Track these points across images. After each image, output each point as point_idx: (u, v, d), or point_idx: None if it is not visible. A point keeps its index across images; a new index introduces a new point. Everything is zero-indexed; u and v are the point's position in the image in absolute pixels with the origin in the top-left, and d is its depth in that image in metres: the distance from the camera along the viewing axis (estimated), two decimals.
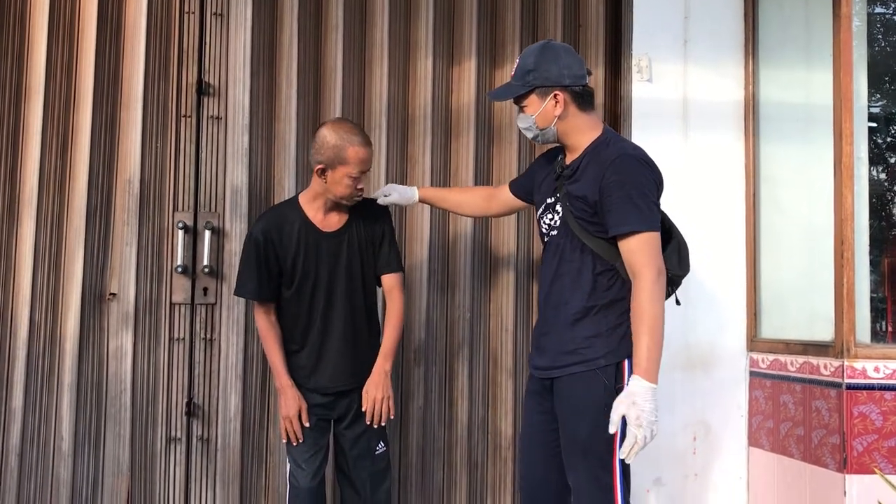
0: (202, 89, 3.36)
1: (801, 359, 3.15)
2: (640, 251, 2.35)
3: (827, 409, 2.98)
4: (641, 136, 3.49)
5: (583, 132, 2.51)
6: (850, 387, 2.90)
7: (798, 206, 3.51)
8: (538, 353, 2.58)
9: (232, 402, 3.30)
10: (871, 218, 3.43)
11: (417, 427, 3.42)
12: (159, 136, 3.34)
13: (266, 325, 2.94)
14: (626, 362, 2.41)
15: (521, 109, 2.53)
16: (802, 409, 3.12)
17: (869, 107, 3.54)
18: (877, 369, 2.91)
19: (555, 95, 2.46)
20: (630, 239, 2.36)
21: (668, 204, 3.47)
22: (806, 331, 3.31)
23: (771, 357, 3.35)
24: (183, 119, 3.35)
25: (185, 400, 3.28)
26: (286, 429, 2.90)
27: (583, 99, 2.50)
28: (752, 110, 3.56)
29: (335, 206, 2.92)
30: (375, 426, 2.90)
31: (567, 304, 2.47)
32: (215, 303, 3.32)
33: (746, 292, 3.53)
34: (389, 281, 3.00)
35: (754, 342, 3.48)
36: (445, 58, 3.57)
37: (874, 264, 3.44)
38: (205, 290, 3.31)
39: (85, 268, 3.25)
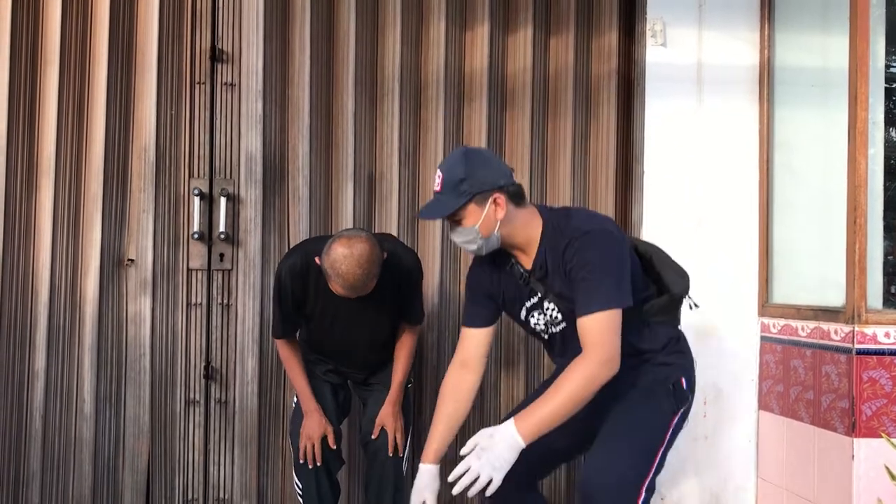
0: (216, 56, 3.38)
1: (811, 324, 3.16)
2: (596, 329, 2.21)
3: (837, 374, 3.00)
4: (655, 101, 3.49)
5: (526, 226, 2.36)
6: (860, 352, 2.91)
7: (812, 172, 3.49)
8: None
9: (249, 366, 3.36)
10: (886, 181, 3.40)
11: (431, 391, 3.47)
12: (174, 103, 3.36)
13: (287, 352, 2.95)
14: (684, 379, 2.41)
15: (457, 223, 2.31)
16: (812, 373, 3.14)
17: (888, 66, 3.49)
18: (887, 335, 2.92)
19: (494, 199, 2.28)
20: (588, 317, 2.22)
21: (681, 169, 3.51)
22: (818, 296, 3.31)
23: (782, 322, 3.36)
24: (197, 86, 3.38)
25: (203, 363, 3.35)
26: (305, 448, 2.87)
27: (518, 196, 2.34)
28: (767, 75, 3.53)
29: None
30: (392, 454, 2.91)
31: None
32: (231, 268, 3.36)
33: (759, 257, 3.54)
34: (407, 327, 3.00)
35: (766, 307, 3.50)
36: (458, 22, 3.56)
37: (889, 229, 3.42)
38: (221, 255, 3.36)
39: (103, 234, 3.31)
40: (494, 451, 2.14)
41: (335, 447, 2.92)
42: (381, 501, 2.92)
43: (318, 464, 2.87)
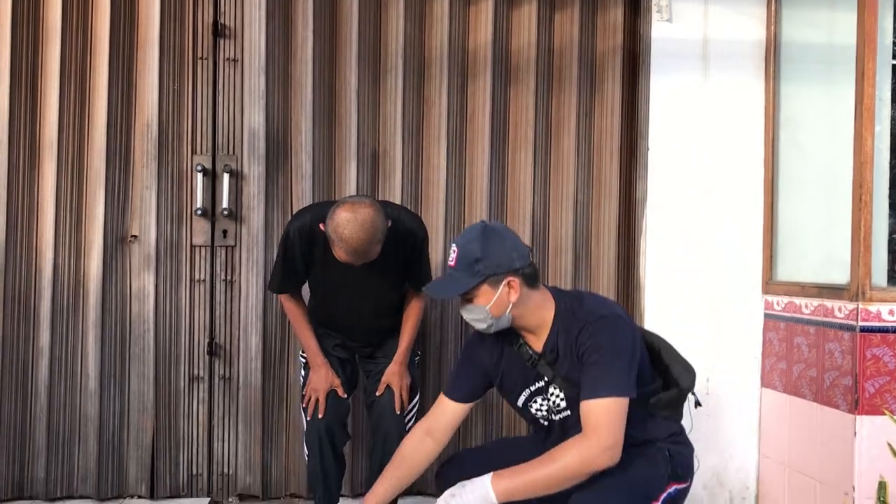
0: (218, 31, 3.36)
1: (815, 301, 3.16)
2: (603, 412, 2.15)
3: (840, 352, 3.00)
4: (661, 76, 3.46)
5: (539, 308, 2.32)
6: (863, 329, 2.91)
7: (818, 148, 3.47)
8: None
9: (253, 342, 3.37)
10: (893, 158, 3.38)
11: (434, 369, 3.48)
12: (176, 79, 3.35)
13: (292, 307, 2.96)
14: (683, 463, 2.38)
15: (469, 301, 2.27)
16: (816, 351, 3.14)
17: (895, 43, 3.46)
18: (892, 312, 2.91)
19: (508, 282, 2.24)
20: (595, 401, 2.17)
21: (686, 145, 3.49)
22: (822, 274, 3.30)
23: (786, 299, 3.36)
24: (200, 61, 3.36)
25: (207, 340, 3.36)
26: (310, 399, 2.90)
27: (532, 278, 2.30)
28: (773, 50, 3.50)
29: None
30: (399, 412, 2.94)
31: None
32: (235, 245, 3.36)
33: (763, 235, 3.53)
34: (415, 293, 2.99)
35: (769, 284, 3.49)
36: None
37: (895, 206, 3.40)
38: (224, 232, 3.36)
39: (106, 210, 3.31)
40: (464, 498, 2.15)
41: (346, 396, 2.93)
42: (385, 461, 2.94)
43: (320, 416, 2.86)
